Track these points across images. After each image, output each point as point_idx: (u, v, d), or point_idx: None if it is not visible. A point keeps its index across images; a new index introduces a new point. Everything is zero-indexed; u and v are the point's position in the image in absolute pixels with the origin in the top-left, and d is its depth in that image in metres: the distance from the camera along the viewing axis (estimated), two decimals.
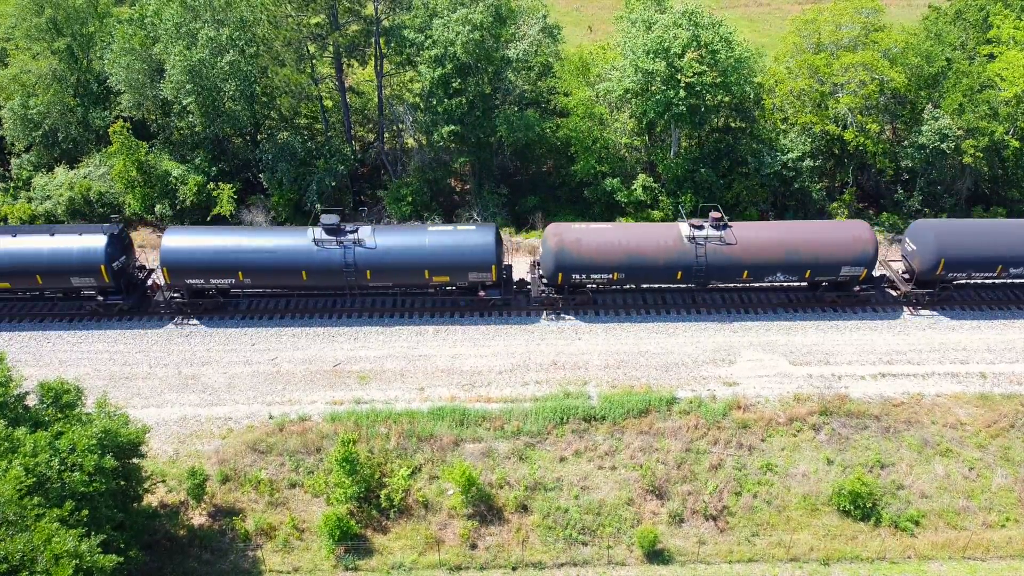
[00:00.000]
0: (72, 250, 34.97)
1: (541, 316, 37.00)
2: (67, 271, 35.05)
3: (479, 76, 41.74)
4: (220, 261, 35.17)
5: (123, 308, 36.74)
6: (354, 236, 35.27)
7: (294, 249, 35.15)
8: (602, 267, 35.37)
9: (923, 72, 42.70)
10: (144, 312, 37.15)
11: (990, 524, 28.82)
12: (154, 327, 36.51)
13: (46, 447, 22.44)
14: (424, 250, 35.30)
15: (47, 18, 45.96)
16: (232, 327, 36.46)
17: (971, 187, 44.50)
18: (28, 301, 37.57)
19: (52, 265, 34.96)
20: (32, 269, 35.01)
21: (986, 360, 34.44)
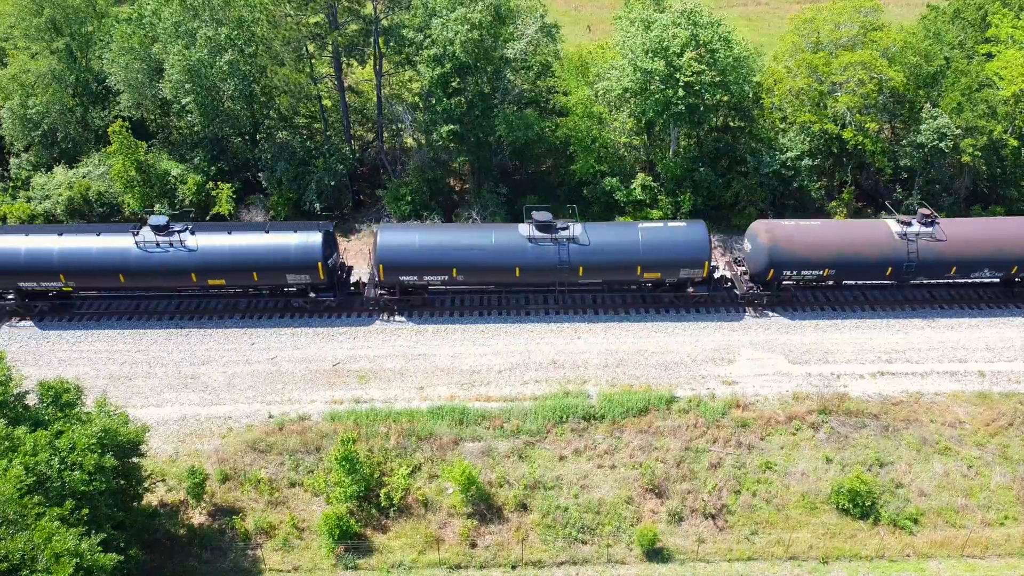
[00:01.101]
0: (289, 247, 35.04)
1: (745, 313, 37.14)
2: (284, 268, 35.16)
3: (478, 75, 41.73)
4: (436, 258, 35.24)
5: (331, 305, 36.83)
6: (567, 233, 35.44)
7: (509, 246, 35.30)
8: (814, 264, 35.64)
9: (922, 71, 42.73)
10: (351, 309, 37.23)
11: (989, 522, 28.88)
12: (152, 327, 36.52)
13: (46, 446, 22.48)
14: (637, 247, 35.45)
15: (46, 18, 45.87)
16: (231, 326, 36.47)
17: (969, 186, 44.54)
18: (233, 297, 37.71)
19: (270, 262, 35.05)
20: (250, 266, 35.10)
21: (985, 359, 34.50)
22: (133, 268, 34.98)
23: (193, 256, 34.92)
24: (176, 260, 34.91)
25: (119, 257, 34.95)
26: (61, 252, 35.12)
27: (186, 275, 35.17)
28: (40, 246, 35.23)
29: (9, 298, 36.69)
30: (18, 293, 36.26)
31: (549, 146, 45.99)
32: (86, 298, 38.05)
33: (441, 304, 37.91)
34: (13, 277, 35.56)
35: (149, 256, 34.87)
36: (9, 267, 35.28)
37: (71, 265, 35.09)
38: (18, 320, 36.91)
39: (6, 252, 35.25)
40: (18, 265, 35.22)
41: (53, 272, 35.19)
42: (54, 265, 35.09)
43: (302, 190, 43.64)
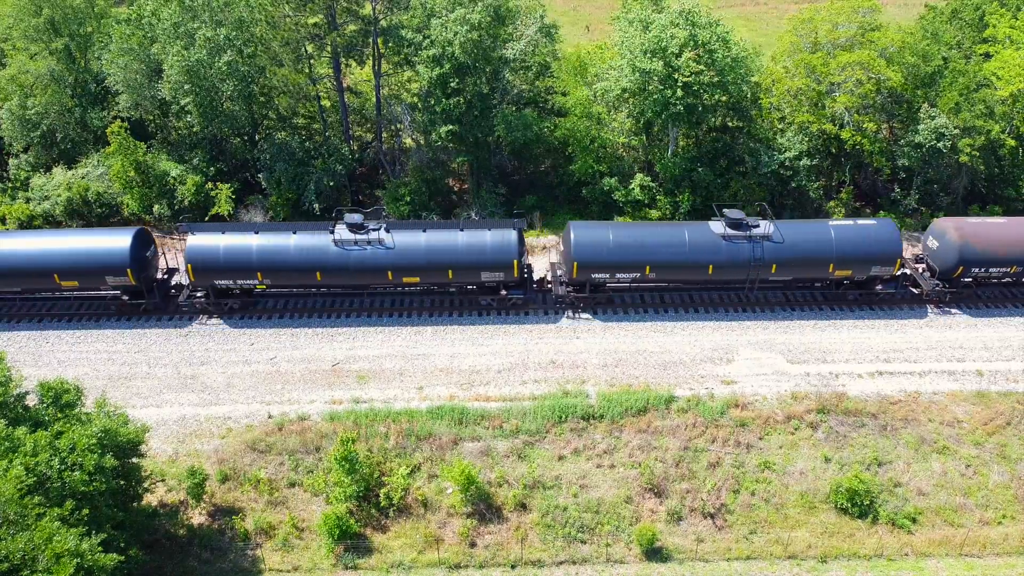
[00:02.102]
0: (486, 245, 35.32)
1: (927, 310, 37.45)
2: (480, 266, 35.42)
3: (477, 76, 41.79)
4: (630, 256, 35.48)
5: (517, 302, 37.16)
6: (760, 230, 35.69)
7: (702, 244, 35.52)
8: (1003, 261, 36.00)
9: (920, 71, 42.83)
10: (538, 306, 37.58)
11: (987, 521, 28.96)
12: (152, 327, 36.53)
13: (46, 447, 22.49)
14: (830, 244, 35.66)
15: (45, 18, 45.91)
16: (231, 327, 36.51)
17: (968, 186, 44.66)
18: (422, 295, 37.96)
19: (467, 260, 35.26)
20: (447, 264, 35.33)
21: (983, 358, 34.59)
22: (331, 266, 35.02)
23: (390, 254, 35.03)
24: (374, 258, 35.03)
25: (318, 255, 35.02)
26: (260, 250, 35.14)
27: (383, 273, 35.27)
28: (239, 243, 35.28)
29: (199, 296, 36.62)
30: (213, 291, 36.23)
31: (548, 146, 46.06)
32: (266, 296, 38.13)
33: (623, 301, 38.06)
34: (210, 274, 35.57)
35: (347, 254, 34.96)
36: (209, 264, 35.28)
37: (269, 263, 35.14)
38: (207, 318, 36.87)
39: (207, 249, 35.24)
40: (217, 263, 35.26)
41: (251, 270, 35.22)
42: (253, 263, 35.11)
43: (301, 190, 43.68)
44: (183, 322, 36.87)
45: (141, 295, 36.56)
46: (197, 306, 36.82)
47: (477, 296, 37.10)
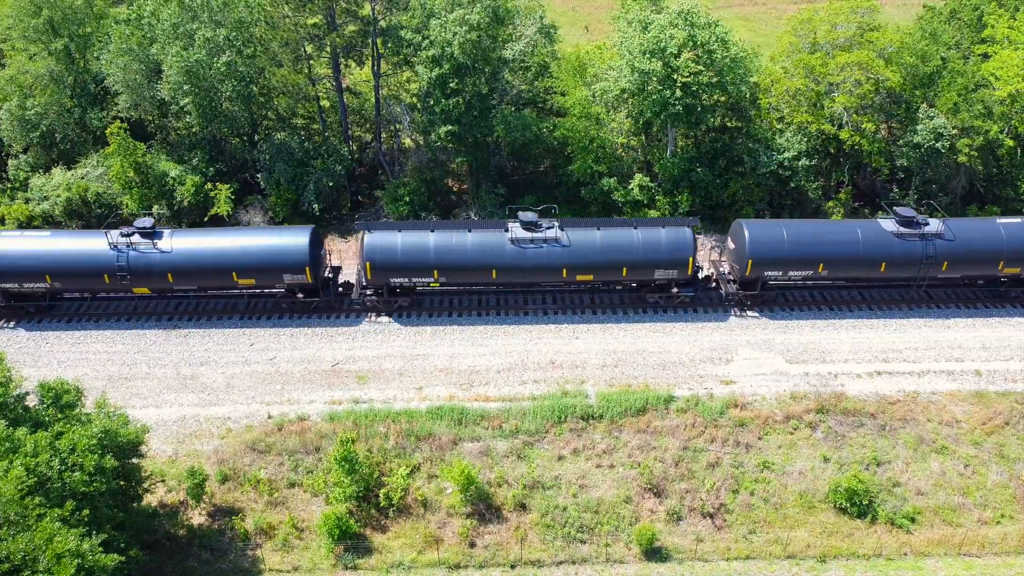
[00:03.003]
0: (661, 244, 35.81)
1: None
2: (656, 264, 35.91)
3: (476, 76, 41.81)
4: (803, 254, 35.89)
5: (685, 300, 37.59)
6: (931, 228, 36.05)
7: (876, 242, 35.98)
8: None
9: (918, 71, 42.88)
10: (708, 304, 38.07)
11: (985, 521, 29.03)
12: (151, 328, 36.55)
13: (47, 447, 22.50)
14: (1001, 241, 36.05)
15: (44, 19, 45.84)
16: (230, 327, 36.53)
17: (966, 186, 44.69)
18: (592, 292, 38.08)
19: (643, 258, 35.80)
20: (622, 262, 35.78)
21: (981, 358, 34.65)
22: (507, 264, 35.27)
23: (566, 252, 35.31)
24: (549, 256, 35.26)
25: (494, 253, 35.27)
26: (437, 248, 35.27)
27: (558, 271, 35.50)
28: (418, 241, 35.42)
29: (368, 295, 36.67)
30: (387, 289, 36.35)
31: (547, 146, 46.08)
32: (425, 293, 38.46)
33: None
34: (387, 273, 35.63)
35: (523, 252, 35.22)
36: (387, 262, 35.36)
37: (446, 261, 35.29)
38: (376, 316, 36.95)
39: (386, 247, 35.26)
40: (395, 261, 35.33)
41: (429, 268, 35.37)
42: (430, 261, 35.26)
43: (301, 191, 43.70)
44: (355, 320, 36.99)
45: (316, 293, 36.69)
46: (368, 304, 36.91)
47: (646, 294, 37.54)
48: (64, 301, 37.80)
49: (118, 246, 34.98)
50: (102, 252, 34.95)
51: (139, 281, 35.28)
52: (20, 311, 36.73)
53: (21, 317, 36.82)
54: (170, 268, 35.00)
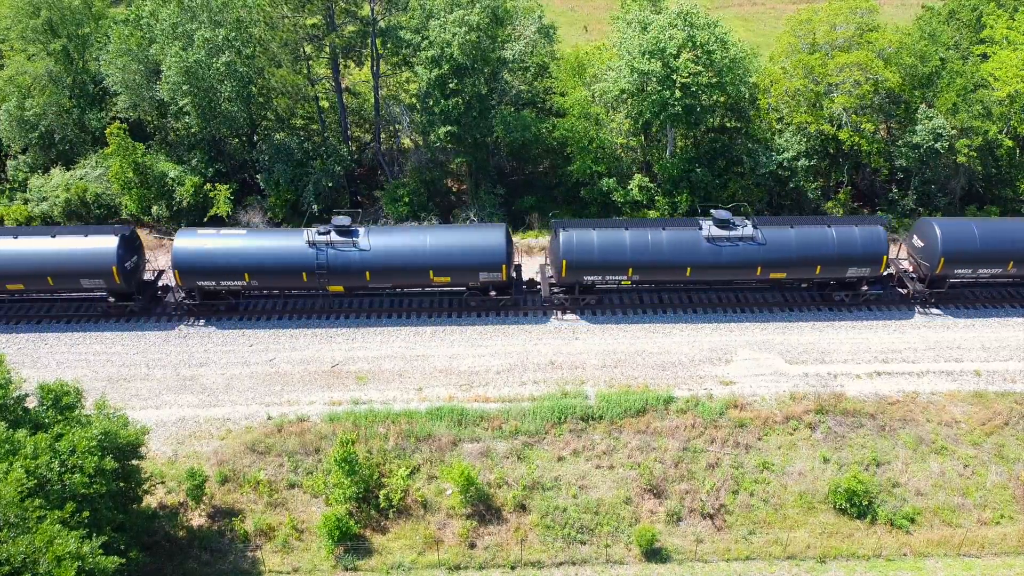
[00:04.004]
0: (856, 240, 35.80)
1: None
2: (850, 261, 35.96)
3: (475, 77, 41.80)
4: (994, 251, 36.10)
5: (870, 298, 37.57)
6: None
7: None
8: None
9: (917, 72, 42.93)
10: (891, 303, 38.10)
11: (985, 521, 29.07)
12: (151, 329, 36.52)
13: (47, 449, 22.48)
14: None
15: (43, 19, 45.83)
16: (230, 328, 36.51)
17: (965, 186, 44.76)
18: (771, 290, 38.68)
19: (837, 256, 35.83)
20: (814, 259, 35.76)
21: (980, 358, 34.69)
22: (702, 262, 35.59)
23: (761, 250, 35.54)
24: (745, 254, 35.50)
25: (689, 250, 35.44)
26: (633, 245, 35.22)
27: (752, 269, 35.76)
28: (614, 238, 35.45)
29: (558, 292, 36.74)
30: (579, 287, 36.42)
31: (546, 147, 46.10)
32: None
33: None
34: (582, 271, 35.64)
35: (719, 250, 35.44)
36: (583, 260, 35.36)
37: (641, 259, 35.33)
38: (562, 314, 37.12)
39: (583, 245, 35.32)
40: (591, 259, 35.40)
41: (624, 266, 35.47)
42: (626, 259, 35.36)
43: (300, 191, 43.69)
44: (543, 318, 37.12)
45: (507, 290, 36.91)
46: (556, 301, 37.15)
47: (832, 293, 37.63)
48: (248, 299, 38.19)
49: (317, 244, 35.07)
50: (301, 250, 35.08)
51: (336, 279, 35.49)
52: (212, 309, 36.98)
53: (212, 315, 37.08)
54: (368, 266, 35.15)
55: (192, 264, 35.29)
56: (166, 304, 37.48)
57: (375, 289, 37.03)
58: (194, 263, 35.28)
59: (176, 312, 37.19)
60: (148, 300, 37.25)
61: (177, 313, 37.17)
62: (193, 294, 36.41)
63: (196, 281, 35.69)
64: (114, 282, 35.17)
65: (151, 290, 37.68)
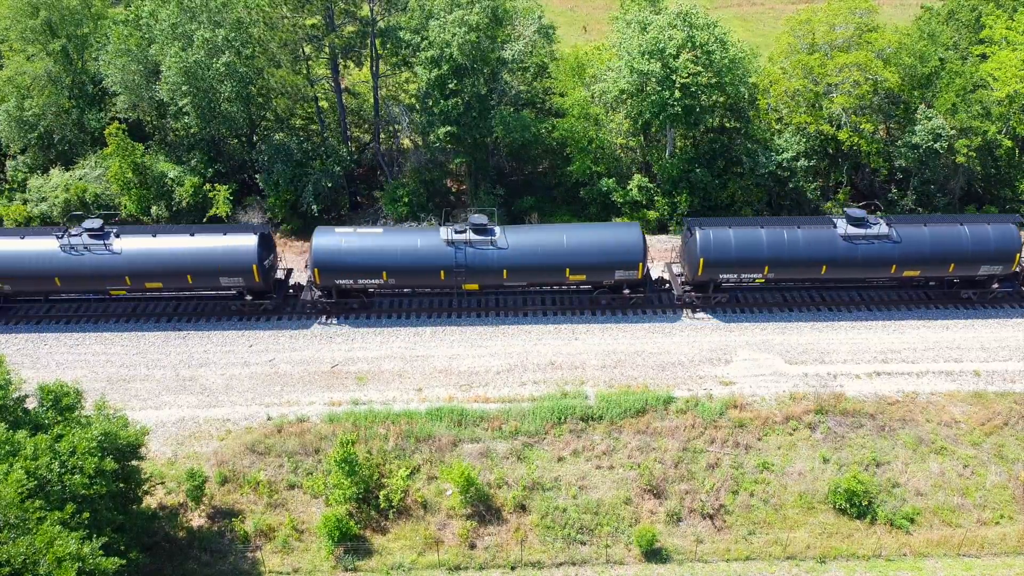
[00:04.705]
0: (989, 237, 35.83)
1: None
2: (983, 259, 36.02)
3: (475, 77, 41.82)
4: None
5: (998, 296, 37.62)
6: None
7: None
8: None
9: (916, 72, 42.99)
10: None
11: (985, 521, 29.09)
12: (149, 330, 36.51)
13: (47, 450, 22.45)
14: None
15: (42, 20, 45.83)
16: (229, 329, 36.49)
17: (964, 186, 44.82)
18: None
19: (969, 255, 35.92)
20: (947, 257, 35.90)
21: (980, 358, 34.72)
22: (839, 260, 35.65)
23: (896, 248, 35.61)
24: (880, 252, 35.61)
25: (825, 249, 35.51)
26: (770, 243, 35.34)
27: (887, 267, 35.92)
28: (750, 235, 35.56)
29: (690, 291, 36.90)
30: (714, 286, 36.52)
31: (546, 147, 46.15)
32: None
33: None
34: (719, 268, 35.65)
35: (855, 248, 35.58)
36: (721, 259, 35.45)
37: (778, 257, 35.48)
38: (694, 312, 37.18)
39: (721, 242, 35.34)
40: (728, 257, 35.47)
41: (760, 263, 35.54)
42: (763, 256, 35.42)
43: (299, 192, 43.67)
44: (673, 316, 37.15)
45: (640, 289, 36.89)
46: (687, 300, 37.20)
47: (959, 291, 37.66)
48: (378, 298, 38.24)
49: (455, 243, 35.11)
50: (440, 249, 35.12)
51: (473, 278, 35.54)
52: (346, 308, 36.99)
53: (345, 313, 37.09)
54: (506, 265, 35.19)
55: (332, 262, 35.12)
56: (303, 302, 37.08)
57: (512, 287, 37.05)
58: (334, 261, 35.12)
59: (311, 310, 37.09)
60: (282, 298, 37.27)
61: (312, 312, 37.09)
62: (330, 292, 36.27)
63: (334, 279, 35.55)
64: (253, 280, 35.16)
65: (284, 288, 37.71)
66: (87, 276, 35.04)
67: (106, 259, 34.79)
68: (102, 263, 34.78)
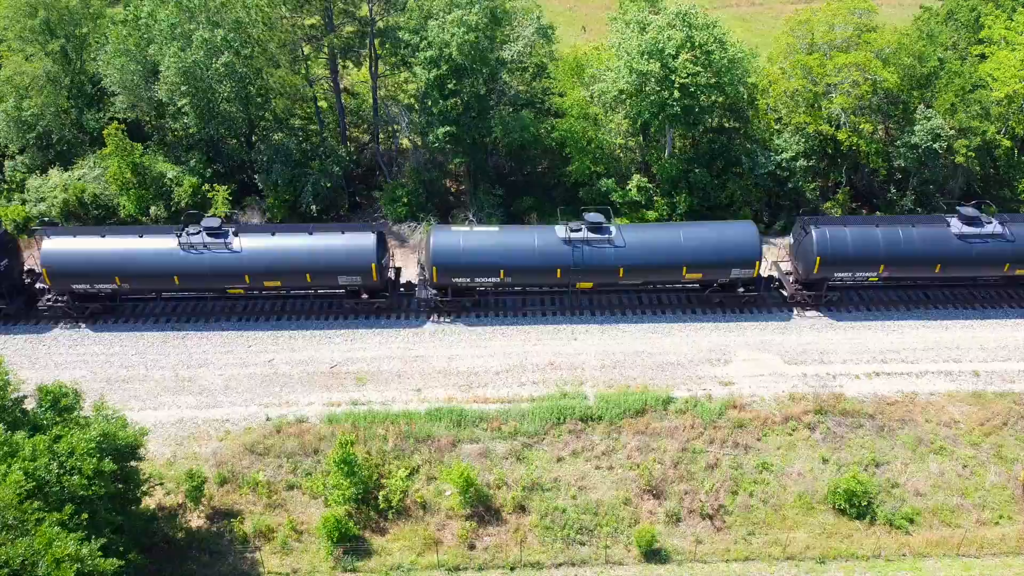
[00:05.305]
0: None
1: None
2: None
3: (474, 77, 41.77)
4: None
5: None
6: None
7: None
8: None
9: (915, 72, 42.99)
10: None
11: (984, 521, 29.09)
12: (148, 330, 36.44)
13: (45, 451, 22.42)
14: None
15: (40, 20, 45.71)
16: (228, 329, 36.43)
17: (963, 186, 44.80)
18: None
19: None
20: None
21: (979, 358, 34.73)
22: (951, 258, 36.02)
23: (1009, 247, 35.89)
24: (993, 251, 35.96)
25: (940, 247, 35.85)
26: (886, 242, 35.54)
27: (1000, 265, 36.34)
28: (867, 235, 35.73)
29: (800, 289, 37.00)
30: (826, 285, 36.66)
31: (545, 147, 46.07)
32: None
33: None
34: (835, 266, 35.80)
35: (970, 247, 35.92)
36: (838, 256, 35.57)
37: (893, 255, 35.66)
38: (808, 311, 37.28)
39: (837, 241, 35.46)
40: (846, 255, 35.67)
41: (877, 262, 35.79)
42: (879, 256, 35.66)
43: (298, 192, 43.61)
44: (787, 314, 37.24)
45: (752, 288, 36.99)
46: (799, 299, 37.22)
47: None
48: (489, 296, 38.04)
49: (573, 241, 35.03)
50: (557, 247, 35.11)
51: (589, 276, 35.55)
52: (459, 306, 36.95)
53: (460, 312, 37.05)
54: (623, 263, 35.19)
55: (450, 261, 35.14)
56: (418, 301, 37.11)
57: (627, 286, 37.04)
58: (452, 260, 35.15)
59: (424, 309, 37.08)
60: (395, 297, 37.23)
61: (425, 310, 37.07)
62: (445, 291, 36.20)
63: (452, 278, 35.53)
64: (371, 279, 35.17)
65: (396, 287, 37.72)
66: (206, 275, 35.08)
67: (226, 258, 34.79)
68: (222, 262, 34.81)
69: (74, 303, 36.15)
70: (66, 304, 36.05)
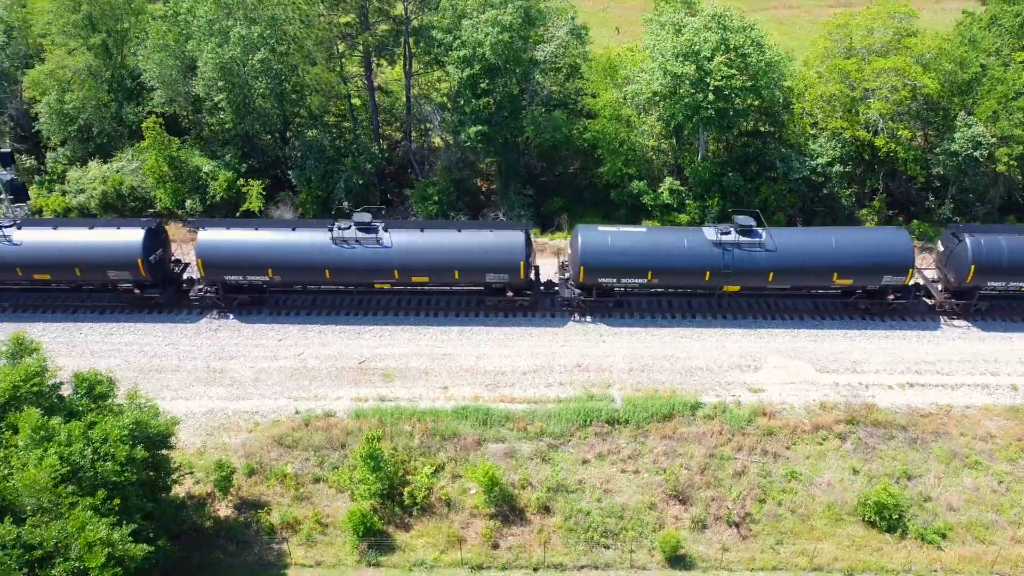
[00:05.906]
0: None
1: None
2: None
3: (507, 77, 41.82)
4: None
5: None
6: None
7: None
8: None
9: (956, 78, 42.15)
10: None
11: (1019, 539, 28.38)
12: (181, 321, 36.99)
13: (80, 436, 22.82)
14: None
15: (83, 15, 46.72)
16: (260, 323, 36.84)
17: (1004, 196, 43.83)
18: None
19: None
20: None
21: (1018, 372, 33.93)
22: None
23: None
24: None
25: None
26: (1009, 250, 35.22)
27: None
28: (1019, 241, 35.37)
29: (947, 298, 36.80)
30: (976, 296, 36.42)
31: (576, 148, 45.99)
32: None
33: None
34: (989, 275, 35.53)
35: None
36: (994, 265, 35.31)
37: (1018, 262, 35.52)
38: (950, 319, 37.03)
39: (993, 249, 35.19)
40: (1000, 264, 35.38)
41: None
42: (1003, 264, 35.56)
43: (331, 188, 44.01)
44: (932, 323, 36.90)
45: (907, 294, 36.67)
46: (947, 308, 37.06)
47: None
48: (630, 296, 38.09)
49: (723, 244, 34.99)
50: (707, 249, 34.99)
51: (737, 279, 35.38)
52: (603, 305, 37.16)
53: (603, 311, 37.31)
54: (773, 267, 34.91)
55: (598, 261, 35.13)
56: (564, 300, 37.00)
57: (776, 290, 36.80)
58: (600, 260, 35.11)
59: (567, 308, 37.25)
60: (538, 295, 37.53)
61: (568, 309, 37.25)
62: (590, 291, 36.29)
63: (598, 278, 35.60)
64: (519, 277, 35.41)
65: (538, 285, 37.91)
66: (358, 269, 35.45)
67: (377, 252, 35.14)
68: (373, 256, 35.16)
69: (224, 294, 36.71)
70: (216, 294, 36.64)
